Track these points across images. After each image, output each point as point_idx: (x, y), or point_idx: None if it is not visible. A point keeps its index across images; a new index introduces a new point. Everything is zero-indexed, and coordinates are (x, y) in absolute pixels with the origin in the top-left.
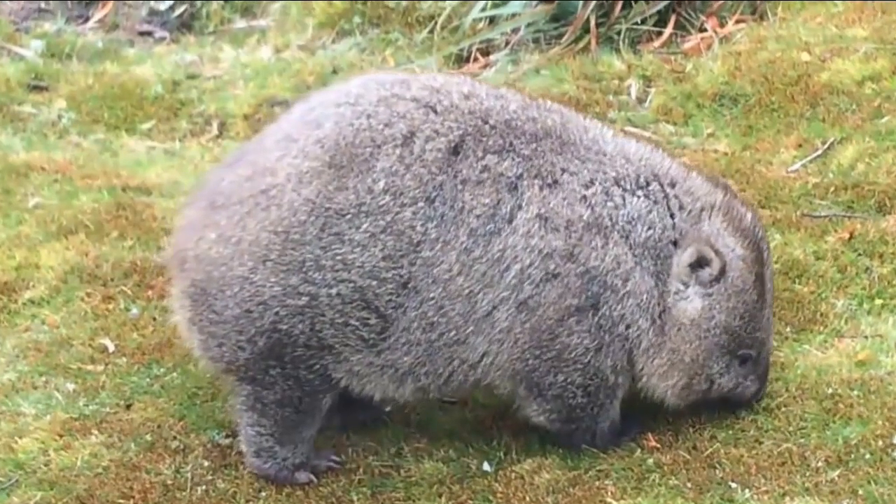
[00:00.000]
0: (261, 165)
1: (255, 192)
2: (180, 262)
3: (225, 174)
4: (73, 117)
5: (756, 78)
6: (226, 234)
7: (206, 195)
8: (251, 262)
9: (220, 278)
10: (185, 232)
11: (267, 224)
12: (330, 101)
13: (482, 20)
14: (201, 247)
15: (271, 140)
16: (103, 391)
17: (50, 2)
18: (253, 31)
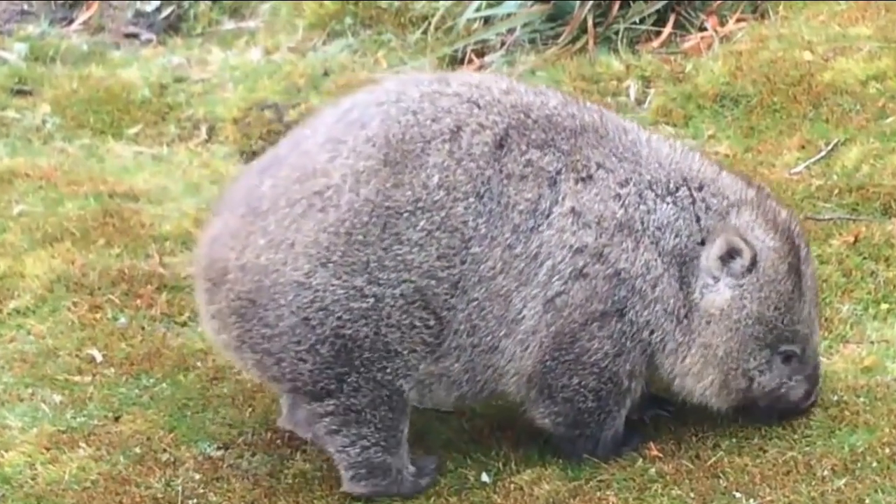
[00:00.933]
0: (309, 168)
1: (307, 193)
2: (219, 275)
3: (262, 180)
4: (57, 122)
5: (757, 78)
6: (277, 238)
7: (242, 202)
8: (308, 265)
9: (272, 286)
10: (222, 242)
11: (326, 225)
12: (370, 101)
13: (477, 20)
14: (247, 255)
15: (312, 143)
16: (91, 403)
17: (33, 3)
18: (242, 33)
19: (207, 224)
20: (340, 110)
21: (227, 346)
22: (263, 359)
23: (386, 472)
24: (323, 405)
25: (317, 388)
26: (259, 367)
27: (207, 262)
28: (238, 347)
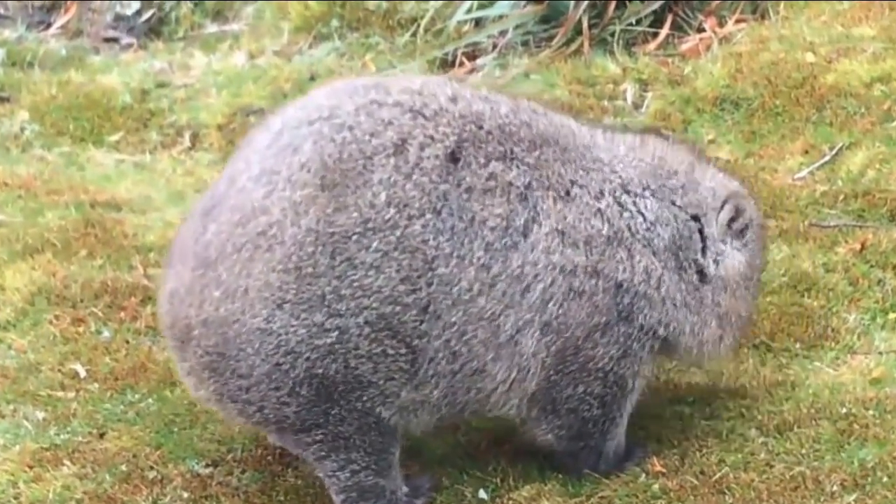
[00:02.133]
0: (248, 207)
1: (251, 235)
2: (184, 333)
3: (205, 225)
4: (36, 129)
5: (758, 80)
6: (231, 287)
7: (190, 254)
8: (266, 309)
9: (237, 337)
10: (179, 299)
11: (275, 265)
12: (301, 120)
13: (468, 22)
14: (206, 309)
15: (246, 178)
16: (75, 419)
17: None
18: (225, 37)
19: (162, 278)
20: (271, 134)
21: (209, 401)
22: (246, 408)
23: (379, 494)
24: (310, 435)
25: (304, 424)
26: (244, 416)
27: (170, 320)
28: (219, 400)
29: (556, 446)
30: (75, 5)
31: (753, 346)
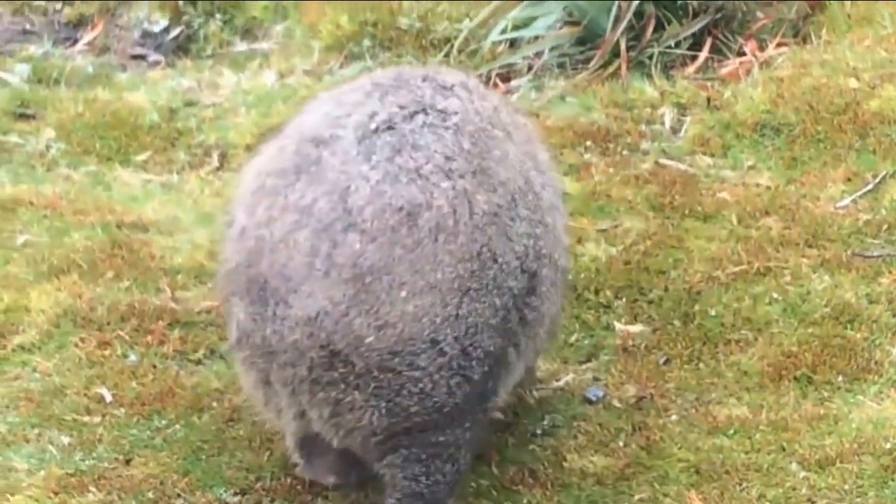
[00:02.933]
0: (404, 208)
1: (424, 231)
2: (347, 348)
3: (336, 241)
4: (62, 148)
5: (800, 106)
6: (416, 286)
7: (328, 272)
8: (455, 298)
9: (422, 332)
10: (335, 318)
11: (458, 254)
12: (395, 116)
13: (502, 43)
14: (383, 315)
15: (373, 183)
16: (100, 445)
17: (35, 22)
18: (254, 55)
19: (271, 312)
20: (355, 141)
21: (335, 412)
22: (408, 399)
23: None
24: (431, 435)
25: (460, 414)
26: (390, 415)
27: (317, 343)
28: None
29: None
30: (102, 21)
31: (794, 378)
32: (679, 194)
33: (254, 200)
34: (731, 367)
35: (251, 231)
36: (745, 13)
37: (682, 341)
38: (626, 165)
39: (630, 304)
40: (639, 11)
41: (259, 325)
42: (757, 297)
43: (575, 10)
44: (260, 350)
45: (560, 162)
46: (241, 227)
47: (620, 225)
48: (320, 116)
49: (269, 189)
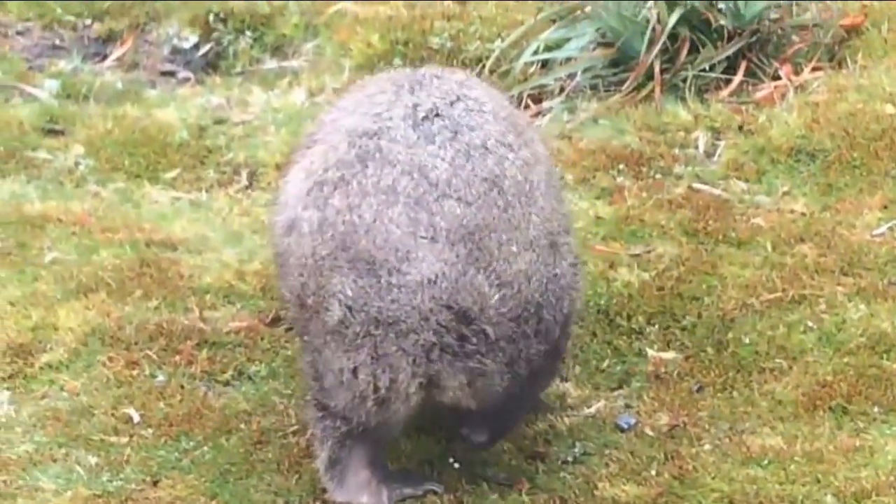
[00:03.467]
0: (489, 179)
1: (519, 196)
2: (470, 308)
3: (433, 211)
4: (91, 164)
5: (835, 131)
6: (523, 242)
7: (434, 238)
8: (550, 257)
9: (535, 290)
10: (452, 282)
11: (545, 214)
12: (436, 105)
13: (534, 64)
14: (501, 270)
15: (449, 164)
16: (128, 466)
17: (65, 38)
18: (284, 73)
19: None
20: (416, 127)
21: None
22: (517, 361)
23: None
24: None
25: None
26: (512, 372)
27: (438, 307)
28: (493, 371)
29: None
30: (132, 37)
31: (829, 408)
32: (713, 219)
33: (321, 195)
34: (765, 396)
35: (334, 219)
36: (780, 37)
37: (716, 369)
38: (660, 189)
39: (663, 330)
40: (673, 34)
41: (373, 297)
42: (791, 325)
43: (608, 32)
44: (376, 321)
45: (592, 185)
46: (317, 221)
47: (653, 250)
48: (357, 116)
49: (336, 180)
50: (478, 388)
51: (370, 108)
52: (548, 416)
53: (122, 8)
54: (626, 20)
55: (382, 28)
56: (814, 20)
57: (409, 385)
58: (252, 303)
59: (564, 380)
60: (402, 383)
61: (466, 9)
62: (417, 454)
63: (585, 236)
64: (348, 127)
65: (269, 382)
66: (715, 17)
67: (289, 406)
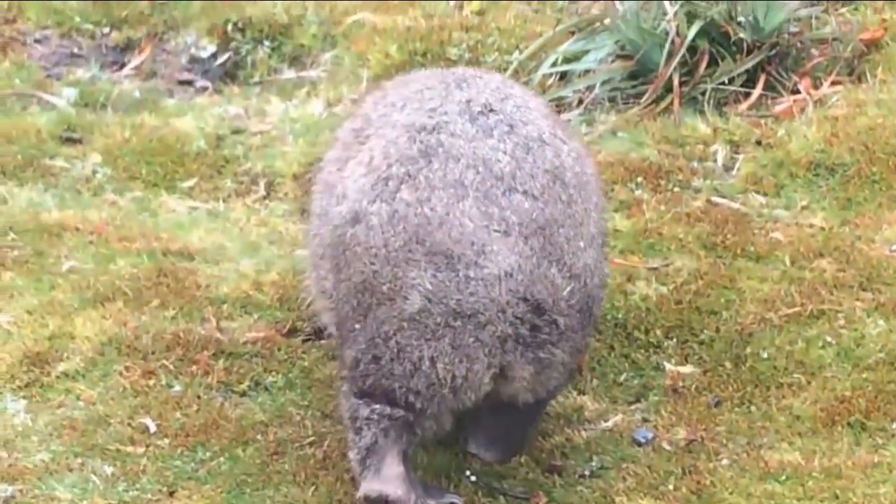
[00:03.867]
0: (551, 171)
1: (578, 190)
2: (546, 301)
3: (501, 205)
4: (108, 173)
5: (855, 146)
6: (584, 236)
7: (506, 230)
8: (599, 250)
9: (600, 282)
10: (527, 274)
11: (595, 205)
12: (489, 100)
13: (553, 76)
14: (570, 263)
15: (511, 155)
16: (144, 476)
17: (83, 46)
18: (302, 83)
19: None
20: (472, 122)
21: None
22: (577, 352)
23: None
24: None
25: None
26: (571, 364)
27: (514, 299)
28: (555, 364)
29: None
30: (150, 46)
31: (848, 424)
32: (731, 233)
33: (387, 189)
34: (783, 411)
35: (405, 212)
36: (799, 50)
37: (734, 384)
38: (678, 203)
39: (680, 344)
40: (692, 47)
41: (452, 289)
42: (810, 340)
43: (627, 44)
44: (455, 313)
45: (610, 198)
46: (386, 214)
47: (671, 263)
48: (411, 111)
49: (401, 175)
50: (542, 379)
51: (421, 103)
52: (564, 430)
53: (141, 16)
54: (646, 32)
55: (400, 39)
56: (833, 34)
57: (483, 375)
58: (269, 313)
59: (582, 393)
60: (478, 373)
61: (485, 20)
62: (433, 466)
63: None
64: (404, 122)
65: (285, 393)
66: (734, 30)
67: (305, 417)
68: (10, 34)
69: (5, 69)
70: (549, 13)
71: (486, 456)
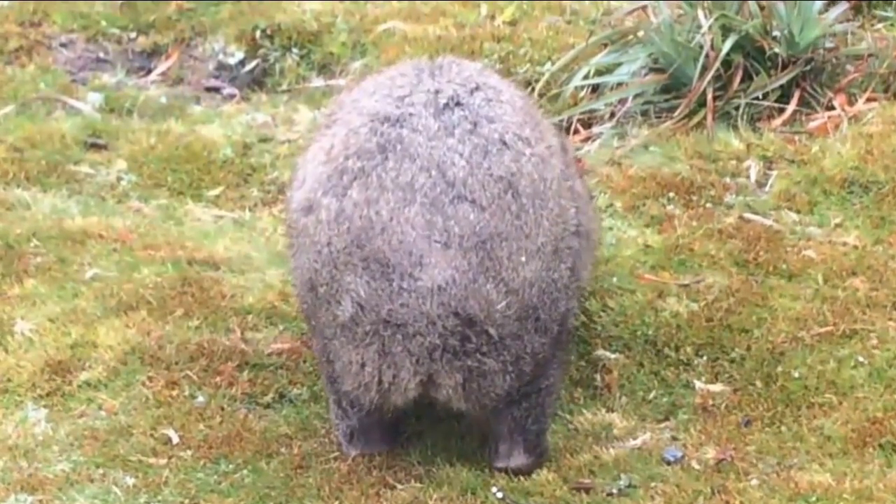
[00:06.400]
0: (505, 177)
1: (531, 198)
2: (476, 315)
3: (447, 214)
4: (133, 180)
5: (890, 164)
6: (533, 246)
7: (446, 243)
8: (554, 262)
9: (552, 285)
10: (462, 287)
11: (554, 216)
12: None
13: (585, 88)
14: (509, 276)
15: (467, 158)
16: (166, 488)
17: (109, 51)
18: (331, 91)
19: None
20: (434, 119)
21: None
22: (522, 358)
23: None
24: (553, 367)
25: (560, 356)
26: (516, 370)
27: (446, 312)
28: (494, 373)
29: None
30: (177, 52)
31: (879, 445)
32: (763, 250)
33: (341, 183)
34: (813, 431)
35: (352, 212)
36: (834, 66)
37: (764, 403)
38: (710, 219)
39: (711, 362)
40: (726, 61)
41: (384, 299)
42: (842, 360)
43: (661, 58)
44: (385, 322)
45: (642, 213)
46: (335, 211)
47: (703, 280)
48: (379, 98)
49: (356, 170)
50: (473, 388)
51: (391, 90)
52: (593, 447)
53: (168, 22)
54: (680, 46)
55: (431, 48)
56: (869, 50)
57: (409, 381)
58: (295, 324)
59: (611, 410)
60: (404, 380)
61: (517, 31)
62: (460, 482)
63: (634, 265)
64: (370, 110)
65: (310, 406)
66: (769, 45)
67: (330, 430)
68: (35, 37)
69: (30, 73)
70: (582, 24)
71: (512, 465)
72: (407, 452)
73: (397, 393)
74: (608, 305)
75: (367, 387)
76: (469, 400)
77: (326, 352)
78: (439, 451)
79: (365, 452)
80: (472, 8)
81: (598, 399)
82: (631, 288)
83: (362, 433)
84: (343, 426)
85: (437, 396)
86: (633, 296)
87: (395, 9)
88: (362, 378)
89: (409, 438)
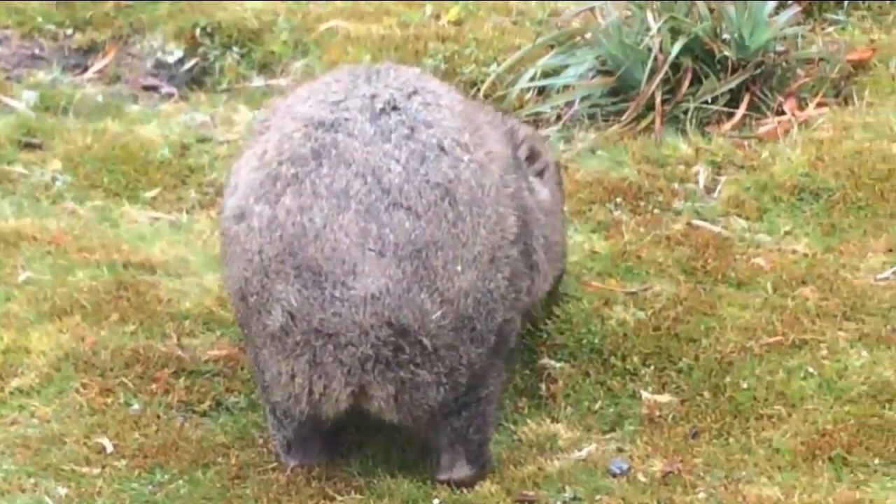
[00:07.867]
0: (442, 185)
1: (468, 206)
2: (410, 324)
3: (382, 222)
4: (68, 180)
5: (840, 170)
6: (469, 256)
7: (381, 251)
8: (491, 271)
9: (487, 295)
10: (397, 296)
11: (493, 223)
12: (392, 99)
13: (531, 90)
14: (445, 286)
15: (402, 167)
16: (99, 498)
17: (45, 48)
18: (271, 91)
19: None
20: (370, 125)
21: (400, 391)
22: (457, 369)
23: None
24: (491, 378)
25: (496, 369)
26: (452, 389)
27: (380, 322)
28: (428, 384)
29: None
30: (114, 49)
31: (829, 458)
32: (712, 258)
33: (273, 189)
34: (762, 443)
35: (284, 219)
36: (784, 70)
37: (712, 414)
38: (658, 225)
39: (658, 372)
40: (675, 64)
41: (316, 308)
42: (791, 370)
43: (609, 60)
44: (316, 332)
45: (588, 218)
46: (267, 218)
47: (650, 288)
48: (314, 103)
49: (289, 177)
50: (405, 400)
51: (326, 95)
52: (537, 459)
53: (105, 18)
54: (628, 48)
55: (374, 48)
56: (820, 54)
57: (340, 393)
58: (232, 330)
59: (555, 420)
60: (335, 391)
61: (462, 31)
62: (401, 494)
63: (580, 271)
64: (304, 115)
65: (248, 414)
66: (719, 48)
67: (268, 440)
68: None
69: None
70: (529, 25)
71: (455, 476)
72: (347, 463)
73: (328, 404)
74: (554, 313)
75: (298, 398)
76: (401, 412)
77: (258, 361)
78: (380, 462)
79: (304, 463)
80: (416, 7)
81: (543, 409)
82: (577, 295)
83: (300, 444)
84: (280, 436)
85: (368, 408)
86: (579, 303)
87: (337, 7)
88: (292, 389)
89: (350, 449)
